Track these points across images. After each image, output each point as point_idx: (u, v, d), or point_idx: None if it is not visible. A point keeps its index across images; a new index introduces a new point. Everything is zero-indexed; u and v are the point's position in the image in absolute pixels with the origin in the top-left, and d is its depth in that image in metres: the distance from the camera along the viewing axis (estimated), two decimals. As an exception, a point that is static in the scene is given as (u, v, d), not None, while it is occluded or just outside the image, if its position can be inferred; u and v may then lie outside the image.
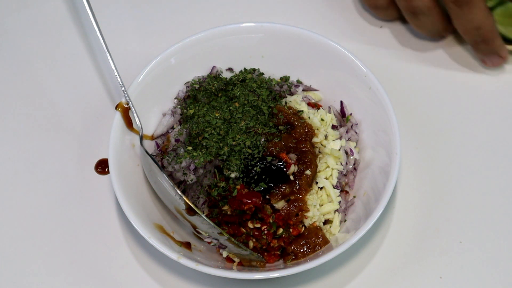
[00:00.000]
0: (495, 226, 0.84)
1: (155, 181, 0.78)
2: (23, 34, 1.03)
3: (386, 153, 0.79)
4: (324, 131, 0.84)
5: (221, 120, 0.81)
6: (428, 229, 0.84)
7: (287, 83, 0.89)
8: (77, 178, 0.89)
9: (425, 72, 0.98)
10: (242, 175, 0.78)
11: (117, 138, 0.80)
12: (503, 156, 0.89)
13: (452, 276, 0.80)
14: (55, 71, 0.99)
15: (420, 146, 0.90)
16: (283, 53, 0.89)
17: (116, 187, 0.77)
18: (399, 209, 0.85)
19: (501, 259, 0.81)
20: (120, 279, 0.81)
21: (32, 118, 0.95)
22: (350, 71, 0.84)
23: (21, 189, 0.89)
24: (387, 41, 1.01)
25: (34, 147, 0.92)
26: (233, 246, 0.76)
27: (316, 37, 0.86)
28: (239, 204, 0.76)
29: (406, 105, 0.93)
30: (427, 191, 0.87)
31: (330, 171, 0.82)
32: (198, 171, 0.79)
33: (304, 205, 0.78)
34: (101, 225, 0.85)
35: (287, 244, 0.78)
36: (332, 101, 0.89)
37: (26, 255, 0.83)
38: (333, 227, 0.80)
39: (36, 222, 0.86)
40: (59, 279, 0.82)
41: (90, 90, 0.97)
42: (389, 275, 0.81)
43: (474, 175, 0.88)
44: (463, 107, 0.94)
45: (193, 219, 0.75)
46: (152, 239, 0.73)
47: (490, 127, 0.92)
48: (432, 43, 1.00)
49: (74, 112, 0.95)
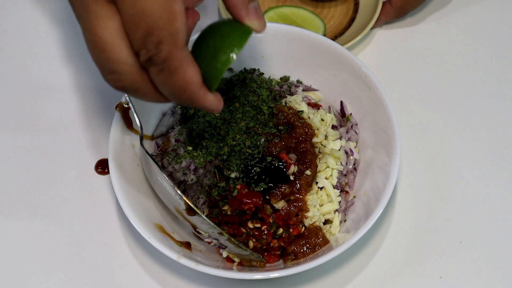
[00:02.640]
0: (495, 226, 0.84)
1: (155, 181, 0.78)
2: (23, 34, 1.03)
3: (386, 153, 0.79)
4: (324, 131, 0.84)
5: (221, 120, 0.81)
6: (428, 229, 0.84)
7: (287, 83, 0.89)
8: (77, 178, 0.89)
9: (425, 72, 0.98)
10: (242, 175, 0.78)
11: (117, 138, 0.80)
12: (503, 156, 0.89)
13: (452, 276, 0.80)
14: (55, 71, 0.99)
15: (420, 146, 0.90)
16: (283, 53, 0.89)
17: (116, 187, 0.77)
18: (399, 209, 0.85)
19: (501, 259, 0.81)
20: (120, 279, 0.81)
21: (31, 118, 0.95)
22: (350, 71, 0.84)
23: (20, 189, 0.89)
24: (387, 41, 1.01)
25: (34, 147, 0.92)
26: (233, 246, 0.76)
27: (316, 37, 0.86)
28: (239, 204, 0.76)
29: (406, 105, 0.94)
30: (427, 191, 0.87)
31: (330, 171, 0.82)
32: (198, 171, 0.79)
33: (304, 205, 0.78)
34: (101, 225, 0.85)
35: (287, 244, 0.78)
36: (332, 101, 0.89)
37: (25, 255, 0.83)
38: (333, 227, 0.80)
39: (35, 222, 0.86)
40: (59, 279, 0.82)
41: (90, 90, 0.97)
42: (389, 275, 0.81)
43: (474, 175, 0.88)
44: (463, 107, 0.94)
45: (193, 219, 0.75)
46: (152, 239, 0.73)
47: (491, 127, 0.92)
48: (432, 43, 1.00)
49: (74, 112, 0.95)
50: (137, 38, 0.54)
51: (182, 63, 0.56)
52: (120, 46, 0.55)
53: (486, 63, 0.98)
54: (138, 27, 0.54)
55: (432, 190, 0.87)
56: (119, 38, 0.55)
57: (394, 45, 1.01)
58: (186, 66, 0.56)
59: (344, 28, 1.02)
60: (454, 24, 1.03)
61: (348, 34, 1.00)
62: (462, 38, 1.01)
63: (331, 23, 1.04)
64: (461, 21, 1.03)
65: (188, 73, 0.57)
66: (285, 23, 0.99)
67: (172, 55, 0.55)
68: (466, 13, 1.04)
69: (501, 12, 1.04)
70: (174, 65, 0.56)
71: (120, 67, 0.56)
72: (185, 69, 0.56)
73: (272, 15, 1.02)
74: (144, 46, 0.55)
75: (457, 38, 1.01)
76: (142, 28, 0.54)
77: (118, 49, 0.55)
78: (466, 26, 1.02)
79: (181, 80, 0.57)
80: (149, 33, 0.54)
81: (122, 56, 0.55)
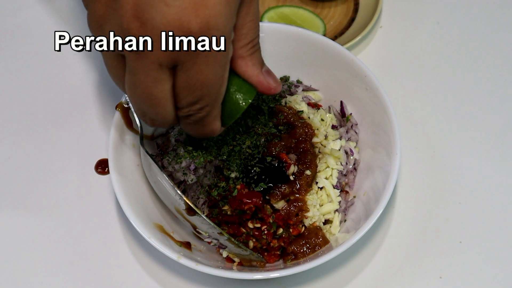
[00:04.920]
0: (495, 226, 0.84)
1: (155, 181, 0.78)
2: (23, 34, 1.03)
3: (386, 153, 0.79)
4: (324, 131, 0.84)
5: (221, 120, 0.81)
6: (428, 229, 0.84)
7: (287, 83, 0.89)
8: (77, 178, 0.89)
9: (425, 72, 0.98)
10: (242, 175, 0.78)
11: (117, 138, 0.80)
12: (503, 156, 0.89)
13: (452, 276, 0.80)
14: (55, 70, 0.99)
15: (420, 146, 0.90)
16: (283, 53, 0.89)
17: (116, 187, 0.77)
18: (399, 209, 0.85)
19: (501, 259, 0.81)
20: (120, 279, 0.81)
21: (32, 118, 0.95)
22: (350, 71, 0.84)
23: (20, 188, 0.89)
24: (387, 41, 1.01)
25: (34, 146, 0.92)
26: (233, 246, 0.76)
27: (316, 37, 0.86)
28: (239, 204, 0.76)
29: (406, 105, 0.94)
30: (427, 191, 0.87)
31: (330, 171, 0.82)
32: (198, 171, 0.79)
33: (304, 205, 0.78)
34: (101, 225, 0.85)
35: (287, 244, 0.78)
36: (332, 101, 0.89)
37: (25, 254, 0.83)
38: (333, 227, 0.80)
39: (35, 221, 0.86)
40: (59, 279, 0.82)
41: (90, 89, 0.97)
42: (389, 275, 0.81)
43: (474, 175, 0.88)
44: (464, 107, 0.94)
45: (193, 219, 0.75)
46: (152, 239, 0.73)
47: (491, 127, 0.92)
48: (432, 43, 1.00)
49: (74, 112, 0.95)
50: (186, 102, 0.61)
51: (215, 119, 0.66)
52: (169, 104, 0.62)
53: (486, 63, 0.98)
54: (191, 94, 0.60)
55: (432, 190, 0.87)
56: (169, 98, 0.61)
57: (394, 45, 1.01)
58: (216, 120, 0.66)
59: (344, 28, 1.02)
60: (454, 24, 1.03)
61: (348, 34, 1.00)
62: (462, 38, 1.01)
63: (331, 23, 1.04)
64: (461, 21, 1.03)
65: (216, 125, 0.67)
66: (285, 23, 0.99)
67: (210, 114, 0.64)
68: (466, 13, 1.04)
69: (501, 12, 1.04)
70: (208, 121, 0.65)
71: (163, 118, 0.63)
72: (215, 123, 0.66)
73: (272, 15, 1.02)
74: (189, 107, 0.62)
75: (457, 38, 1.01)
76: (195, 96, 0.60)
77: (167, 107, 0.62)
78: (466, 26, 1.02)
79: (209, 130, 0.67)
80: (199, 100, 0.61)
81: (168, 111, 0.63)
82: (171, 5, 0.54)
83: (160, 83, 0.59)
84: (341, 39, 0.99)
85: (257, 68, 0.66)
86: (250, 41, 0.64)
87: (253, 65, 0.66)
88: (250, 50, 0.65)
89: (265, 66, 0.68)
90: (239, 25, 0.62)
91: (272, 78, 0.68)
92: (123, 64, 0.61)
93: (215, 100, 0.63)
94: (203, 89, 0.60)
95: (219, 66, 0.59)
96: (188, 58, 0.57)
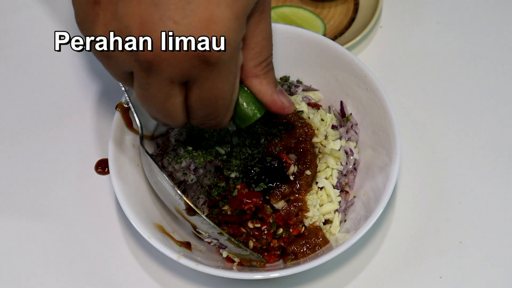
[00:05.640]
0: (495, 226, 0.84)
1: (155, 181, 0.78)
2: (23, 34, 1.03)
3: (386, 153, 0.79)
4: (324, 131, 0.84)
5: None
6: (428, 229, 0.84)
7: (287, 83, 0.89)
8: (77, 178, 0.89)
9: (425, 72, 0.98)
10: (242, 175, 0.78)
11: (117, 138, 0.80)
12: (503, 155, 0.89)
13: (452, 276, 0.80)
14: (55, 70, 0.99)
15: (420, 146, 0.90)
16: (283, 53, 0.89)
17: (116, 187, 0.77)
18: (399, 209, 0.85)
19: (501, 259, 0.81)
20: (120, 279, 0.81)
21: (31, 118, 0.95)
22: (350, 71, 0.84)
23: (21, 189, 0.89)
24: (387, 41, 1.01)
25: (34, 146, 0.92)
26: (233, 246, 0.76)
27: (316, 37, 0.86)
28: (239, 204, 0.76)
29: (406, 105, 0.94)
30: (427, 191, 0.87)
31: (330, 171, 0.82)
32: (198, 171, 0.79)
33: (304, 205, 0.78)
34: (101, 225, 0.85)
35: (287, 244, 0.78)
36: (332, 101, 0.89)
37: (25, 254, 0.83)
38: (333, 227, 0.80)
39: (35, 222, 0.86)
40: (59, 279, 0.82)
41: (90, 89, 0.97)
42: (389, 275, 0.81)
43: (474, 175, 0.88)
44: (464, 107, 0.94)
45: (193, 219, 0.75)
46: (152, 239, 0.73)
47: (491, 127, 0.92)
48: (432, 43, 1.00)
49: (74, 112, 0.95)
50: (199, 114, 0.63)
51: (227, 123, 0.67)
52: (181, 115, 0.63)
53: (486, 63, 0.98)
54: (204, 108, 0.61)
55: (432, 190, 0.87)
56: (182, 109, 0.62)
57: (394, 45, 1.01)
58: (227, 123, 0.67)
59: (344, 28, 1.02)
60: (454, 24, 1.03)
61: (348, 34, 1.00)
62: (462, 38, 1.01)
63: (331, 23, 1.04)
64: (461, 21, 1.03)
65: (226, 123, 0.67)
66: (285, 23, 0.99)
67: (222, 121, 0.66)
68: (466, 13, 1.04)
69: (501, 12, 1.04)
70: (220, 125, 0.67)
71: (175, 124, 0.65)
72: (226, 124, 0.67)
73: (272, 15, 1.02)
74: (201, 119, 0.64)
75: (457, 38, 1.01)
76: (208, 109, 0.62)
77: (179, 117, 0.63)
78: (466, 26, 1.02)
79: (219, 127, 0.67)
80: (212, 112, 0.62)
81: (180, 120, 0.64)
82: (180, 23, 0.54)
83: (172, 98, 0.60)
84: (341, 39, 0.99)
85: (272, 88, 0.66)
86: (264, 60, 0.64)
87: (267, 84, 0.66)
88: (265, 68, 0.65)
89: (279, 85, 0.69)
90: (252, 43, 0.62)
91: (285, 98, 0.69)
92: (130, 77, 0.61)
93: (228, 110, 0.64)
94: (217, 102, 0.61)
95: (231, 78, 0.60)
96: (201, 74, 0.57)
